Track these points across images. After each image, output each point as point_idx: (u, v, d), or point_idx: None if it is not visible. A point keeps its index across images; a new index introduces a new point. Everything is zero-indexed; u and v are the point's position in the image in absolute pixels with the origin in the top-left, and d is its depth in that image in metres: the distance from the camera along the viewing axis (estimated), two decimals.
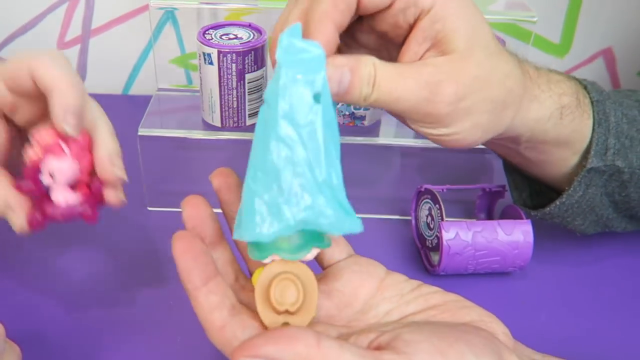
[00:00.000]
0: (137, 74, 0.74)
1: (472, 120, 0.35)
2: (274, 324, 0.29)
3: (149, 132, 0.51)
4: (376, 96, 0.32)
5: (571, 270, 0.50)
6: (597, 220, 0.46)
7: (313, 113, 0.28)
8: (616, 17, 0.70)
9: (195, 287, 0.28)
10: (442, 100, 0.33)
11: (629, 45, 0.48)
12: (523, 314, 0.46)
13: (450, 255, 0.45)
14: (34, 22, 0.70)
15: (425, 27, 0.33)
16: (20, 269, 0.48)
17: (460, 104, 0.33)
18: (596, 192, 0.44)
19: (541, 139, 0.40)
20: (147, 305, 0.45)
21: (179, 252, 0.28)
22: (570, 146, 0.42)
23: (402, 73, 0.33)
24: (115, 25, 0.71)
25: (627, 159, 0.43)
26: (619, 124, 0.42)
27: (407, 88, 0.32)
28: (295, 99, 0.28)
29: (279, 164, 0.28)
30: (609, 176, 0.43)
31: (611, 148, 0.42)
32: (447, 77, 0.33)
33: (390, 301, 0.32)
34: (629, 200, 0.45)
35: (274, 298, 0.29)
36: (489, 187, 0.51)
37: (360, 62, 0.32)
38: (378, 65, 0.32)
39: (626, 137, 0.43)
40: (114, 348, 0.42)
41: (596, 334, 0.44)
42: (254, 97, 0.53)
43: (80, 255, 0.50)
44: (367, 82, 0.32)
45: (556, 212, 0.44)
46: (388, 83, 0.32)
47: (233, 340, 0.28)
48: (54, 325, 0.43)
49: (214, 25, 0.53)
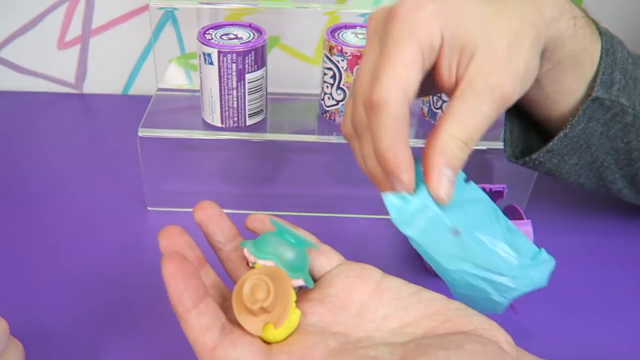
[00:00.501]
0: (137, 74, 0.74)
1: (529, 73, 0.36)
2: (255, 329, 0.29)
3: (149, 132, 0.51)
4: (473, 143, 0.34)
5: (571, 270, 0.50)
6: (591, 162, 0.46)
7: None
8: (616, 17, 0.70)
9: (186, 309, 0.28)
10: (510, 88, 0.34)
11: (628, 45, 0.49)
12: (523, 314, 0.46)
13: None
14: (34, 22, 0.70)
15: (446, 52, 0.34)
16: (22, 268, 0.48)
17: (520, 74, 0.35)
18: (596, 129, 0.43)
19: (559, 54, 0.40)
20: (147, 304, 0.45)
21: (169, 274, 0.28)
22: (581, 70, 0.42)
23: (471, 111, 0.34)
24: (115, 25, 0.71)
25: (630, 99, 0.43)
26: (624, 62, 0.43)
27: (485, 113, 0.34)
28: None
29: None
30: (613, 116, 0.43)
31: (617, 83, 0.42)
32: (497, 69, 0.34)
33: (388, 305, 0.31)
34: (630, 150, 0.45)
35: (245, 298, 0.29)
36: (489, 187, 0.50)
37: (445, 154, 0.33)
38: (453, 133, 0.34)
39: (630, 77, 0.43)
40: (114, 346, 0.42)
41: (596, 334, 0.44)
42: (254, 97, 0.53)
43: (81, 254, 0.50)
44: (461, 149, 0.34)
45: (556, 148, 0.44)
46: (472, 129, 0.34)
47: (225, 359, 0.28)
48: (56, 322, 0.43)
49: (214, 25, 0.53)
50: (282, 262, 0.31)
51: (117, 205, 0.55)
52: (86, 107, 0.73)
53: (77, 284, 0.47)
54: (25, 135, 0.66)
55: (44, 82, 0.74)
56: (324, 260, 0.34)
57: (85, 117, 0.72)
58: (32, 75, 0.73)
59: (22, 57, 0.72)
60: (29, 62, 0.73)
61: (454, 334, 0.30)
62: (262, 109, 0.54)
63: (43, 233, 0.52)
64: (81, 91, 0.75)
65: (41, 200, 0.56)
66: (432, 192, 0.33)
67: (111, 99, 0.74)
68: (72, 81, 0.74)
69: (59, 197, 0.56)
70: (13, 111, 0.70)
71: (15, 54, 0.72)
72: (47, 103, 0.72)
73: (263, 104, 0.54)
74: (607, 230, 0.54)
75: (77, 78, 0.74)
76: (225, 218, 0.35)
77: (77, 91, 0.75)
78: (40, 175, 0.59)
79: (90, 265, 0.49)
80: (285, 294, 0.30)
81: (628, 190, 0.49)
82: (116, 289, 0.46)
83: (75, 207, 0.55)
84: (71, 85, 0.74)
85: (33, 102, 0.72)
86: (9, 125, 0.68)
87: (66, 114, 0.71)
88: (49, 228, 0.53)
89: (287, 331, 0.30)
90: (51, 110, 0.71)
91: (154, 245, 0.51)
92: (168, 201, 0.55)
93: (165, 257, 0.28)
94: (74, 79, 0.74)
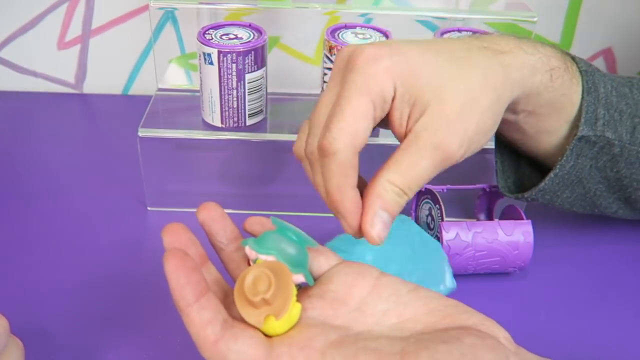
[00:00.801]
0: (137, 74, 0.74)
1: (482, 133, 0.37)
2: (257, 321, 0.30)
3: (149, 132, 0.51)
4: (411, 192, 0.35)
5: (571, 271, 0.50)
6: (584, 194, 0.47)
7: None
8: (616, 17, 0.70)
9: (188, 303, 0.28)
10: (454, 148, 0.35)
11: (629, 45, 0.48)
12: (523, 314, 0.46)
13: (451, 256, 0.45)
14: (34, 22, 0.70)
15: (397, 105, 0.36)
16: (23, 267, 0.48)
17: (467, 135, 0.36)
18: (585, 164, 0.44)
19: (535, 103, 0.41)
20: (147, 304, 0.45)
21: (172, 270, 0.28)
22: (562, 112, 0.43)
23: (411, 163, 0.35)
24: (115, 25, 0.71)
25: (616, 132, 0.44)
26: (608, 97, 0.44)
27: (424, 167, 0.35)
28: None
29: None
30: (600, 149, 0.44)
31: (600, 118, 0.43)
32: (443, 128, 0.35)
33: (387, 301, 0.32)
34: (620, 178, 0.46)
35: (247, 290, 0.29)
36: (489, 187, 0.51)
37: (382, 197, 0.35)
38: (391, 179, 0.35)
39: (615, 110, 0.44)
40: (114, 345, 0.42)
41: (596, 334, 0.44)
42: (254, 97, 0.53)
43: (81, 254, 0.50)
44: (398, 195, 0.35)
45: (549, 187, 0.45)
46: (410, 179, 0.35)
47: (227, 353, 0.28)
48: (56, 321, 0.43)
49: (214, 25, 0.53)
50: (283, 257, 0.31)
51: (117, 205, 0.55)
52: (86, 107, 0.73)
53: (77, 284, 0.47)
54: (25, 135, 0.66)
55: (44, 82, 0.74)
56: (323, 260, 0.35)
57: (85, 117, 0.72)
58: (32, 75, 0.73)
59: (22, 57, 0.72)
60: (28, 62, 0.73)
61: (453, 328, 0.30)
62: (262, 109, 0.54)
63: (43, 233, 0.52)
64: (81, 91, 0.75)
65: (41, 200, 0.56)
66: (365, 232, 0.35)
67: (111, 99, 0.74)
68: (72, 81, 0.74)
69: (59, 197, 0.56)
70: (13, 111, 0.70)
71: (15, 54, 0.72)
72: (47, 103, 0.72)
73: (263, 104, 0.54)
74: (607, 230, 0.54)
75: (77, 78, 0.74)
76: (228, 219, 0.35)
77: (77, 91, 0.75)
78: (40, 175, 0.59)
79: (90, 265, 0.49)
80: (286, 286, 0.30)
81: (624, 211, 0.49)
82: (116, 289, 0.46)
83: (75, 207, 0.55)
84: (71, 85, 0.74)
85: (33, 102, 0.72)
86: (9, 125, 0.68)
87: (66, 114, 0.71)
88: (49, 228, 0.53)
89: (288, 324, 0.30)
90: (51, 110, 0.71)
91: (154, 245, 0.51)
92: (168, 201, 0.55)
93: (167, 253, 0.29)
94: (74, 79, 0.74)
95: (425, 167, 0.35)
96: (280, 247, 0.32)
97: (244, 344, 0.29)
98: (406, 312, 0.31)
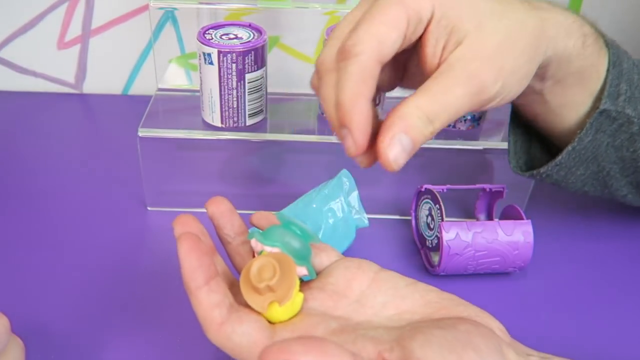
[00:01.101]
0: (137, 74, 0.74)
1: (516, 77, 0.35)
2: (261, 307, 0.31)
3: (149, 132, 0.51)
4: (439, 123, 0.32)
5: (571, 271, 0.50)
6: (597, 172, 0.46)
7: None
8: (616, 17, 0.70)
9: (198, 285, 0.29)
10: (489, 81, 0.34)
11: (629, 45, 0.49)
12: (523, 314, 0.46)
13: (451, 256, 0.45)
14: (34, 22, 0.70)
15: (433, 29, 0.34)
16: (24, 266, 0.48)
17: (502, 74, 0.34)
18: (603, 140, 0.44)
19: (565, 71, 0.40)
20: (147, 304, 0.45)
21: (185, 252, 0.29)
22: (588, 84, 0.42)
23: (443, 89, 0.33)
24: (115, 25, 0.71)
25: (636, 109, 0.43)
26: (630, 73, 0.43)
27: (456, 96, 0.33)
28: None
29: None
30: (619, 126, 0.43)
31: (622, 94, 0.42)
32: (480, 60, 0.33)
33: (385, 294, 0.33)
34: (636, 158, 0.45)
35: (252, 277, 0.31)
36: (489, 187, 0.51)
37: (405, 119, 0.32)
38: (419, 104, 0.32)
39: (636, 87, 0.43)
40: (114, 344, 0.42)
41: (596, 334, 0.44)
42: (254, 97, 0.53)
43: (80, 254, 0.50)
44: (423, 122, 0.32)
45: (565, 162, 0.44)
46: (440, 107, 0.32)
47: (232, 334, 0.30)
48: (57, 321, 0.43)
49: (214, 25, 0.53)
50: (288, 250, 0.33)
51: (117, 205, 0.55)
52: (86, 107, 0.73)
53: (77, 283, 0.47)
54: (25, 135, 0.66)
55: (43, 82, 0.74)
56: (324, 256, 0.36)
57: (85, 117, 0.72)
58: (31, 75, 0.73)
59: (21, 57, 0.72)
60: (28, 62, 0.73)
61: (449, 318, 0.31)
62: (262, 109, 0.54)
63: (43, 232, 0.52)
64: (81, 91, 0.75)
65: (41, 200, 0.56)
66: (380, 155, 0.31)
67: (111, 99, 0.74)
68: (72, 81, 0.74)
69: (59, 197, 0.56)
70: (13, 111, 0.70)
71: (15, 54, 0.72)
72: (47, 103, 0.72)
73: (263, 104, 0.54)
74: (607, 230, 0.54)
75: (77, 78, 0.74)
76: (236, 214, 0.37)
77: (77, 91, 0.75)
78: (40, 175, 0.59)
79: (90, 264, 0.49)
80: (290, 275, 0.31)
81: (633, 196, 0.49)
82: (116, 289, 0.46)
83: (75, 207, 0.55)
84: (71, 85, 0.74)
85: (33, 102, 0.72)
86: (9, 125, 0.68)
87: (66, 114, 0.71)
88: (49, 227, 0.53)
89: (290, 312, 0.32)
90: (51, 110, 0.71)
91: (154, 245, 0.51)
92: (168, 201, 0.55)
93: (180, 237, 0.30)
94: (74, 79, 0.74)
95: (457, 95, 0.33)
96: (285, 240, 0.33)
97: (248, 326, 0.30)
98: (404, 304, 0.32)
